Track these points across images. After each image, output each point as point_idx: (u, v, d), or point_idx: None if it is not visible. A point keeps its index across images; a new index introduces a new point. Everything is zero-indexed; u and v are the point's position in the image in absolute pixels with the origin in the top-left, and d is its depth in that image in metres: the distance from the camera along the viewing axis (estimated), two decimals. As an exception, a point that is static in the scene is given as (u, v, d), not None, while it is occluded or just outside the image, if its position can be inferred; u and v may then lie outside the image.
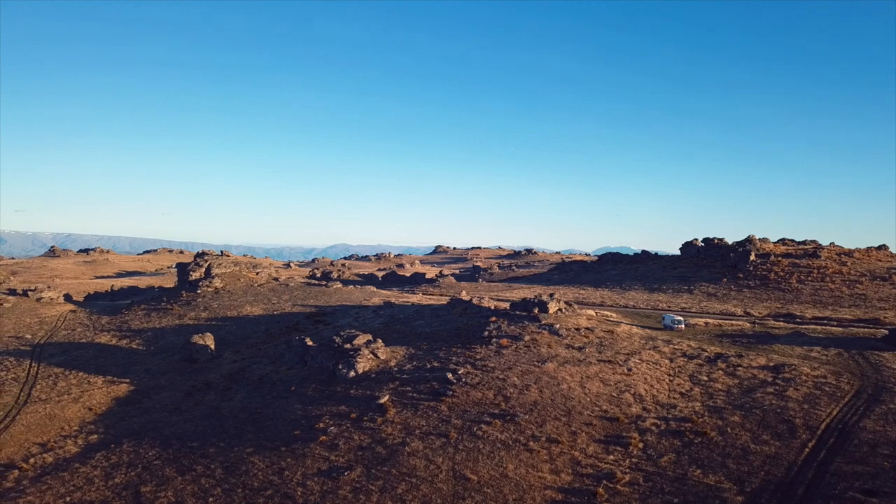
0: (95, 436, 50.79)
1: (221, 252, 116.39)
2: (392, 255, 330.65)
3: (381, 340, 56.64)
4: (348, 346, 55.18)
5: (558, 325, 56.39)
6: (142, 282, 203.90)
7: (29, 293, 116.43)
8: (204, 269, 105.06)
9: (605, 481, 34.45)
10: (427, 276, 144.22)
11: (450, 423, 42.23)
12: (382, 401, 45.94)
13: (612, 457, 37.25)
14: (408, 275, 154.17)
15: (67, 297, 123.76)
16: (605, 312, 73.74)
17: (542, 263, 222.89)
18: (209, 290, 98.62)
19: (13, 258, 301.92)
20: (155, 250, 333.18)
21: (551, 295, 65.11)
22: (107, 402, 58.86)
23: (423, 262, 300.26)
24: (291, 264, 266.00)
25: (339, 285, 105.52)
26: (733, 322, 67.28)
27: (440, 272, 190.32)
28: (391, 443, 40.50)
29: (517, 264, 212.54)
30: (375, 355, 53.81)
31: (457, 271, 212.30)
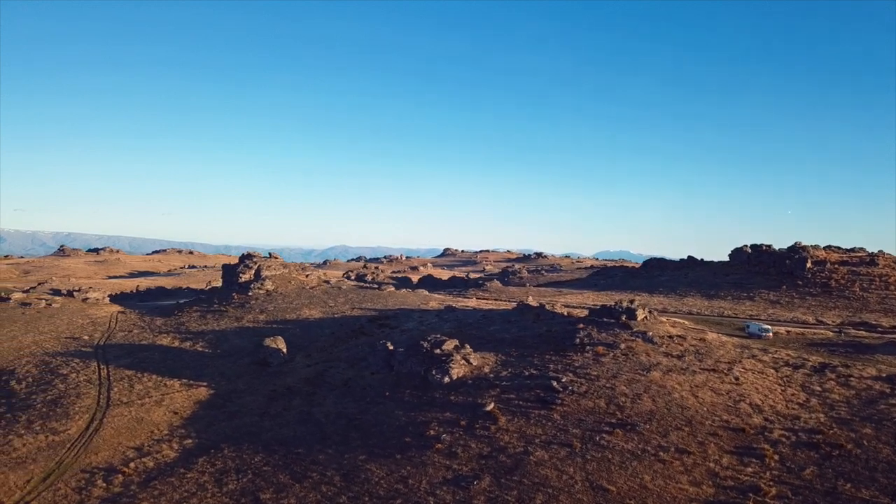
0: (189, 440, 50.16)
1: (269, 254, 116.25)
2: (403, 258, 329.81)
3: (469, 346, 55.85)
4: (438, 351, 54.42)
5: (651, 333, 55.43)
6: (159, 282, 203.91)
7: (75, 293, 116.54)
8: (253, 272, 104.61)
9: (751, 494, 33.44)
10: (464, 280, 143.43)
11: (568, 432, 41.32)
12: (489, 408, 45.09)
13: (749, 469, 36.20)
14: (445, 278, 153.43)
15: (113, 298, 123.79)
16: (675, 319, 72.68)
17: (569, 269, 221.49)
18: (261, 292, 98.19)
19: (23, 257, 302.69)
20: (164, 250, 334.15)
21: (632, 301, 64.22)
22: (189, 405, 58.29)
23: (434, 264, 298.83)
24: (307, 266, 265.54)
25: (392, 288, 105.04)
26: (814, 331, 66.13)
27: (467, 274, 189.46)
28: (513, 452, 39.62)
29: (544, 268, 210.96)
30: (468, 361, 53.01)
31: (482, 274, 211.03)
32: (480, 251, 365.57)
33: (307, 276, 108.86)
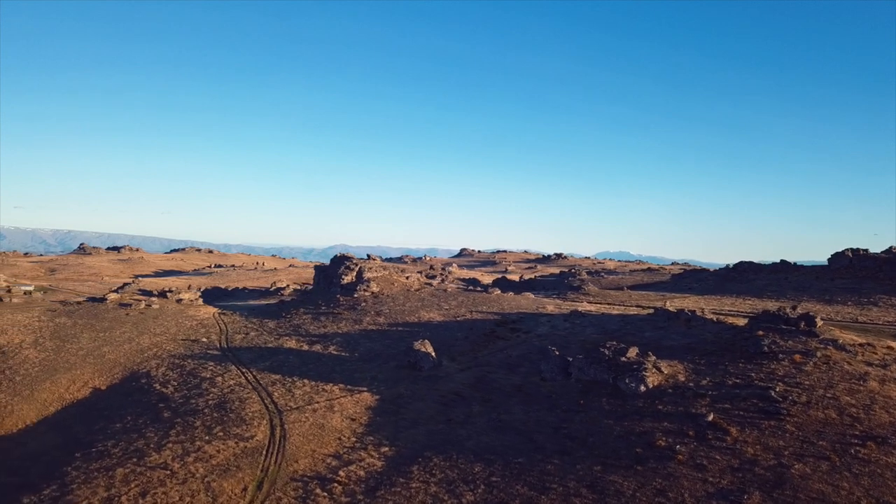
0: (385, 448, 49.55)
1: (368, 256, 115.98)
2: (428, 258, 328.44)
3: (652, 354, 54.79)
4: (623, 359, 53.41)
5: (841, 341, 53.96)
6: (202, 282, 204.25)
7: (168, 294, 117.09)
8: (355, 273, 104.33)
9: None
10: (538, 280, 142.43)
11: (815, 445, 39.99)
12: (710, 419, 43.98)
13: None
14: (516, 279, 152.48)
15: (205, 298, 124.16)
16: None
17: (623, 271, 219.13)
18: (367, 294, 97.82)
19: (42, 255, 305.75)
20: (183, 249, 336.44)
21: (794, 307, 62.83)
22: (361, 411, 57.76)
23: (458, 265, 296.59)
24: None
25: (498, 291, 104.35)
26: (981, 338, 64.31)
27: (530, 274, 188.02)
28: (766, 465, 38.38)
29: (604, 270, 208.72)
30: (658, 370, 51.90)
31: (534, 275, 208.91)
32: (498, 251, 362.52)
33: (407, 277, 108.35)
